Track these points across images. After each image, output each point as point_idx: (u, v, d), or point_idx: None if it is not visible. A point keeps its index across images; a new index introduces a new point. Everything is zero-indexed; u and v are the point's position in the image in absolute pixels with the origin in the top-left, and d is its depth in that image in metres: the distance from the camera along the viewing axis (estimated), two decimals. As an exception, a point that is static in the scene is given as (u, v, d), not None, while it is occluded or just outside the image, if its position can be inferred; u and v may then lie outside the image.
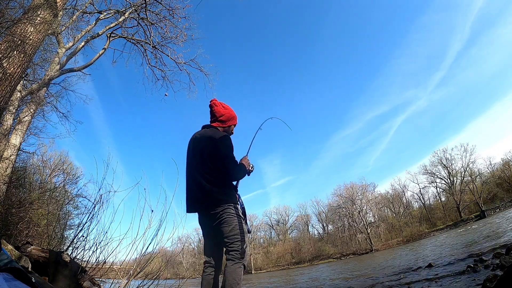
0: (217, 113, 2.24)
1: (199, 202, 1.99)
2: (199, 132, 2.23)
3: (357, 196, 46.44)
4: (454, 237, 17.72)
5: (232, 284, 1.72)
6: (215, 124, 2.23)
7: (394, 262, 10.83)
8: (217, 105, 2.26)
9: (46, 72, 7.76)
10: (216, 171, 1.97)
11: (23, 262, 2.67)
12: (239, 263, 1.81)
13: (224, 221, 1.89)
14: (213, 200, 1.92)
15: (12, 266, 1.46)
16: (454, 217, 39.92)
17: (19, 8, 4.19)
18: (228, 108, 2.29)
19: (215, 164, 1.99)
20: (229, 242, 1.85)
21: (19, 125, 6.87)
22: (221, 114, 2.23)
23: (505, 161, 40.71)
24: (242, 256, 1.83)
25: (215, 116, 2.25)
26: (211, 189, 1.93)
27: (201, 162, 2.02)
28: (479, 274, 3.24)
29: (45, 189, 9.00)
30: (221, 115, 2.23)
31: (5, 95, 3.51)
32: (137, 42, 9.74)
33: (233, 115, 2.29)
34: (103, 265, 3.49)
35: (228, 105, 2.32)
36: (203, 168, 2.00)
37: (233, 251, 1.83)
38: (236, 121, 2.31)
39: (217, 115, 2.24)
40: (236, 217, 1.91)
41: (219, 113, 2.24)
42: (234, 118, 2.29)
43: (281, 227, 56.12)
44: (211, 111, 2.29)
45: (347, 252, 42.76)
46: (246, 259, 1.85)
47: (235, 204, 1.96)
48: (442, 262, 5.61)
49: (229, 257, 1.83)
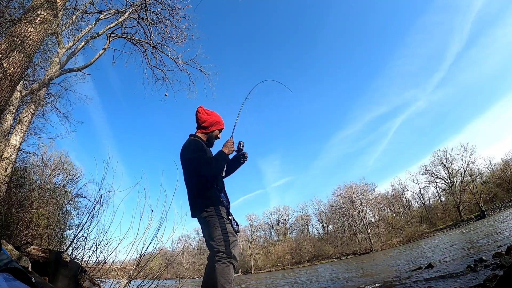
0: (199, 120, 2.31)
1: (191, 210, 2.13)
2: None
3: (357, 196, 46.45)
4: (454, 237, 17.72)
5: (224, 283, 1.75)
6: (199, 131, 2.31)
7: (394, 262, 10.83)
8: (200, 112, 2.33)
9: (46, 72, 7.76)
10: (190, 178, 2.12)
11: (23, 262, 2.67)
12: (225, 262, 1.83)
13: (207, 224, 1.97)
14: (195, 206, 2.07)
15: (12, 266, 1.46)
16: (454, 217, 39.92)
17: (19, 8, 4.18)
18: (211, 114, 2.33)
19: (189, 171, 2.13)
20: (214, 244, 1.89)
21: (19, 125, 6.87)
22: (203, 121, 2.29)
23: (505, 161, 40.72)
24: (228, 256, 1.84)
25: (198, 123, 2.32)
26: (192, 196, 2.09)
27: (183, 173, 2.18)
28: (479, 274, 3.24)
29: (45, 189, 9.00)
30: (203, 121, 2.29)
31: (5, 95, 3.51)
32: (137, 42, 9.73)
33: (216, 120, 2.31)
34: (103, 265, 3.49)
35: (212, 111, 2.36)
36: (184, 178, 2.16)
37: (219, 252, 1.86)
38: (220, 125, 2.33)
39: (200, 122, 2.31)
40: (217, 219, 1.94)
41: (201, 119, 2.30)
42: (217, 123, 2.31)
43: (281, 227, 56.11)
44: (196, 119, 2.35)
45: (347, 252, 42.75)
46: (234, 257, 1.84)
47: (216, 206, 1.99)
48: (442, 262, 5.61)
49: (216, 258, 1.86)
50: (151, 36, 9.36)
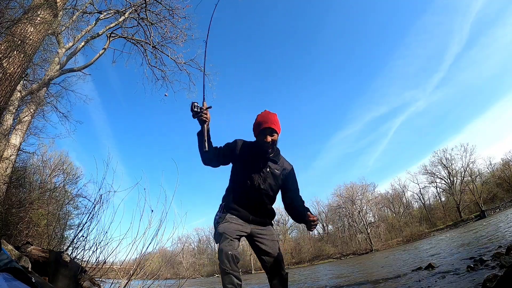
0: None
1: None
2: None
3: (357, 196, 46.45)
4: (454, 237, 17.73)
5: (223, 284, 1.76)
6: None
7: (394, 262, 10.83)
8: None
9: (46, 72, 7.77)
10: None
11: (23, 262, 2.67)
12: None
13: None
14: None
15: (12, 266, 1.46)
16: (454, 217, 39.93)
17: (19, 8, 4.19)
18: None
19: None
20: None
21: (19, 125, 6.88)
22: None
23: (505, 161, 40.75)
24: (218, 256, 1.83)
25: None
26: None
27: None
28: (479, 274, 3.23)
29: (45, 189, 9.01)
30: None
31: (5, 95, 3.51)
32: (137, 42, 9.74)
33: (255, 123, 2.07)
34: (103, 265, 3.49)
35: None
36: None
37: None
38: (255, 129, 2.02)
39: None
40: (216, 222, 1.97)
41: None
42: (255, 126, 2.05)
43: (281, 227, 56.10)
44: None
45: (347, 252, 42.76)
46: (220, 258, 1.74)
47: (219, 209, 2.02)
48: (442, 262, 5.61)
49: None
50: (151, 36, 9.37)
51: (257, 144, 1.98)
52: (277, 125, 1.95)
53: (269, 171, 1.98)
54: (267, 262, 1.96)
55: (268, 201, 2.03)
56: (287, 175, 2.05)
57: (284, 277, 1.96)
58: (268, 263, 1.95)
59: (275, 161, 2.01)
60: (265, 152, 1.95)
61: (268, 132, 1.91)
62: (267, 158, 1.98)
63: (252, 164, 1.98)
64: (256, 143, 1.99)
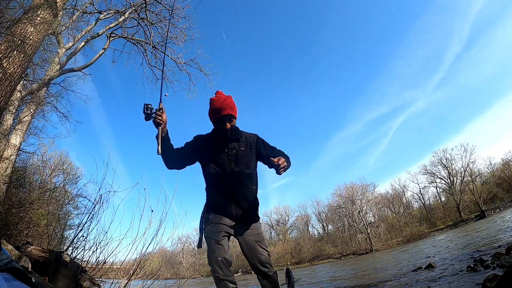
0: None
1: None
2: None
3: (357, 196, 46.43)
4: (454, 237, 17.73)
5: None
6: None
7: (394, 262, 10.83)
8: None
9: (46, 72, 7.77)
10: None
11: (23, 262, 2.67)
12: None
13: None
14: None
15: (12, 266, 1.46)
16: (454, 217, 39.91)
17: (19, 8, 4.19)
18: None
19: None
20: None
21: (19, 125, 6.88)
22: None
23: (505, 161, 40.72)
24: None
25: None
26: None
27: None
28: (479, 274, 3.24)
29: (45, 189, 9.00)
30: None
31: (5, 95, 3.51)
32: (137, 42, 9.74)
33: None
34: (103, 265, 3.50)
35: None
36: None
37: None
38: (213, 117, 1.93)
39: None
40: (201, 226, 1.96)
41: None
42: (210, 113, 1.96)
43: (281, 227, 56.10)
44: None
45: (347, 252, 42.74)
46: (211, 264, 1.74)
47: (203, 209, 1.98)
48: (442, 262, 5.61)
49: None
50: (151, 36, 9.37)
51: (216, 132, 1.94)
52: (234, 110, 1.90)
53: (235, 151, 1.91)
54: (251, 261, 1.89)
55: (249, 181, 1.92)
56: (256, 146, 2.01)
57: (272, 278, 1.91)
58: (253, 263, 1.89)
59: (237, 139, 1.95)
60: (224, 135, 1.89)
61: (227, 118, 1.86)
62: (228, 139, 1.92)
63: (216, 152, 1.92)
64: (214, 131, 1.95)
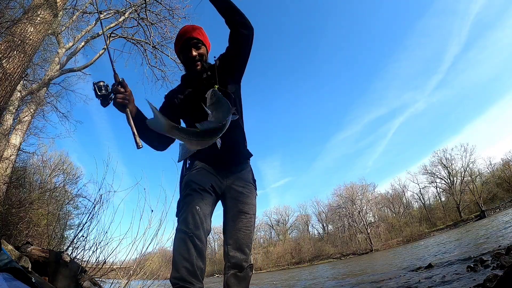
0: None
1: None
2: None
3: (357, 196, 46.46)
4: (454, 237, 17.73)
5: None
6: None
7: (394, 262, 10.83)
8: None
9: (46, 72, 7.77)
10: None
11: (23, 262, 2.67)
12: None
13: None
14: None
15: (12, 266, 1.46)
16: (454, 217, 39.92)
17: (19, 8, 4.19)
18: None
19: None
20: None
21: (19, 125, 6.88)
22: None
23: (505, 161, 40.68)
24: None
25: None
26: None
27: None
28: (479, 274, 3.24)
29: (45, 189, 9.00)
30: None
31: (5, 95, 3.51)
32: (137, 42, 9.75)
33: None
34: (103, 265, 3.50)
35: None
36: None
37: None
38: (177, 46, 1.53)
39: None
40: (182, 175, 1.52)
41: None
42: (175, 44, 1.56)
43: (281, 227, 56.12)
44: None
45: (347, 252, 42.75)
46: (179, 215, 1.33)
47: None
48: (442, 262, 5.61)
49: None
50: (151, 36, 9.37)
51: (185, 74, 1.52)
52: (201, 34, 1.46)
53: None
54: (228, 238, 1.39)
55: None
56: (221, 59, 1.50)
57: (245, 271, 1.36)
58: (231, 239, 1.38)
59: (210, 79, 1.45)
60: (197, 74, 1.43)
61: (192, 44, 1.42)
62: (203, 79, 1.43)
63: (194, 97, 1.42)
64: (184, 73, 1.53)
